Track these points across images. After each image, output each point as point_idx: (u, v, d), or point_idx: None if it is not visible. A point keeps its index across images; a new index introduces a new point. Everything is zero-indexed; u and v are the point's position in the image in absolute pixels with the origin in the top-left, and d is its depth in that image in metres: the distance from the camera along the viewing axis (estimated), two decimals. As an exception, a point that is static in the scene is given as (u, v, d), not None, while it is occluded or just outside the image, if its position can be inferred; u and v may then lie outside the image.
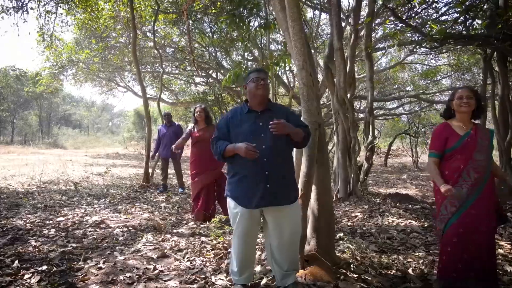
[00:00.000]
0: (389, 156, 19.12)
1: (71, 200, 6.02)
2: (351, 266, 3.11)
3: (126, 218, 4.95)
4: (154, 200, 6.43)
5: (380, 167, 16.65)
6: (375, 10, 7.32)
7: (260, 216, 2.62)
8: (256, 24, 6.10)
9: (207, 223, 4.78)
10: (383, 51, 15.45)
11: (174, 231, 4.40)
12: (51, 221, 4.61)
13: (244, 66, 5.24)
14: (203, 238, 4.06)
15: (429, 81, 19.73)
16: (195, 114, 5.07)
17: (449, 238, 2.62)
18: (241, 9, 5.22)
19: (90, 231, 4.24)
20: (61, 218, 4.76)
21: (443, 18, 7.50)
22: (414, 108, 21.82)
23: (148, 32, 14.56)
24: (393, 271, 3.16)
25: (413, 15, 6.49)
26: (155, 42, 9.04)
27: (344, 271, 3.03)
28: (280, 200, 2.52)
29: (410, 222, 5.03)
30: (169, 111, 7.93)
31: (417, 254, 3.68)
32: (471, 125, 2.73)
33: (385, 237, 4.25)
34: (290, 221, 2.57)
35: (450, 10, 6.50)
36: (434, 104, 21.29)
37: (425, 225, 4.90)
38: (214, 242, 3.84)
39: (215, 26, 13.89)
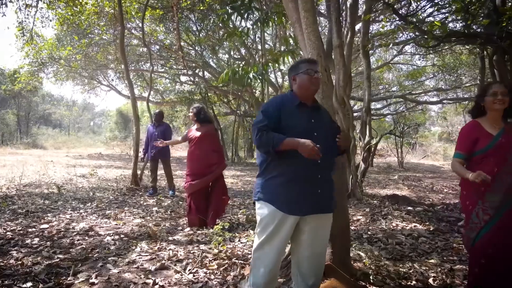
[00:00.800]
0: (374, 156, 19.12)
1: (55, 205, 5.62)
2: (370, 277, 2.88)
3: (116, 224, 4.61)
4: (145, 203, 6.08)
5: (368, 167, 16.57)
6: (372, 7, 7.17)
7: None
8: (251, 23, 5.85)
9: (204, 229, 4.50)
10: (372, 50, 15.37)
11: (170, 238, 4.08)
12: (34, 229, 4.23)
13: (240, 64, 4.97)
14: (202, 246, 3.76)
15: (413, 82, 19.88)
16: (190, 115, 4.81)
17: (482, 249, 2.40)
18: (239, 2, 4.94)
19: (78, 240, 3.88)
20: (45, 225, 4.38)
21: (440, 16, 7.39)
22: (399, 108, 21.97)
23: (133, 29, 14.13)
24: (413, 282, 2.94)
25: (412, 12, 6.33)
26: (144, 38, 8.66)
27: (363, 283, 2.80)
28: (327, 207, 2.27)
29: (415, 226, 4.86)
30: (161, 110, 7.52)
31: (431, 261, 3.49)
32: (502, 124, 2.52)
33: (394, 242, 4.04)
34: (326, 230, 2.32)
35: (449, 8, 6.34)
36: (420, 105, 21.54)
37: (431, 229, 4.74)
38: (216, 251, 3.56)
39: (202, 24, 13.58)
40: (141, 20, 12.39)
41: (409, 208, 5.92)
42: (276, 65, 5.13)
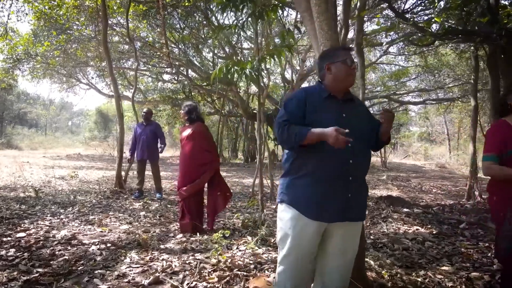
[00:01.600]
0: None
1: (32, 210, 5.19)
2: (387, 289, 2.65)
3: (101, 231, 4.24)
4: (131, 207, 5.71)
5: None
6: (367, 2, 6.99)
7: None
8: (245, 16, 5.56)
9: (197, 235, 4.19)
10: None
11: (162, 246, 3.76)
12: (9, 238, 3.82)
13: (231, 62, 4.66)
14: (198, 256, 3.45)
15: (396, 82, 20.01)
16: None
17: None
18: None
19: (60, 250, 3.51)
20: (22, 234, 3.98)
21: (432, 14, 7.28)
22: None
23: (115, 26, 13.60)
24: (433, 293, 2.73)
25: (408, 9, 6.18)
26: (128, 32, 8.24)
27: (381, 296, 2.56)
28: (357, 215, 2.00)
29: (417, 229, 4.68)
30: (150, 108, 7.14)
31: (443, 268, 3.29)
32: None
33: (400, 248, 3.84)
34: (356, 240, 2.06)
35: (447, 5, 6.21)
36: (403, 106, 21.73)
37: (434, 232, 4.57)
38: (214, 260, 3.26)
39: (186, 21, 13.20)
40: (123, 15, 11.98)
41: (406, 210, 5.76)
42: (272, 61, 4.84)
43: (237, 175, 12.25)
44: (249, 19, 4.66)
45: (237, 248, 3.70)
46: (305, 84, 20.54)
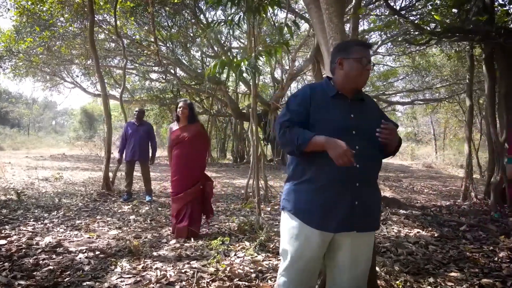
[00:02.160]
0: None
1: (14, 214, 4.89)
2: (401, 300, 2.48)
3: (89, 238, 3.98)
4: (119, 211, 5.44)
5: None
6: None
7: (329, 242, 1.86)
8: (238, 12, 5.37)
9: (192, 240, 3.97)
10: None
11: (155, 254, 3.52)
12: (-12, 246, 3.55)
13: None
14: (194, 264, 3.24)
15: (385, 82, 20.08)
16: (178, 110, 4.23)
17: None
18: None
19: (44, 259, 3.25)
20: (2, 241, 3.69)
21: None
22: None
23: (101, 23, 13.21)
24: (447, 303, 2.57)
25: (405, 6, 6.07)
26: (116, 28, 7.95)
27: (395, 308, 2.39)
28: (368, 224, 1.82)
29: (418, 232, 4.55)
30: (142, 108, 6.88)
31: (452, 274, 3.15)
32: None
33: (404, 252, 3.69)
34: (368, 250, 1.88)
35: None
36: (391, 105, 21.82)
37: (435, 235, 4.44)
38: (212, 269, 3.05)
39: (174, 19, 12.93)
40: (109, 12, 11.64)
41: (403, 211, 5.64)
42: (269, 58, 4.65)
43: (226, 175, 12.03)
44: (242, 15, 4.45)
45: (235, 254, 3.50)
46: (293, 84, 20.46)
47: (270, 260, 3.34)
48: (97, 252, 3.47)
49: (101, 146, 17.75)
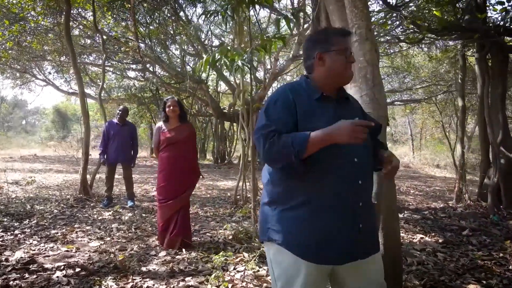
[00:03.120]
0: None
1: (-20, 224, 4.38)
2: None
3: (67, 251, 3.54)
4: (100, 218, 4.99)
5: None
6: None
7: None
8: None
9: (184, 251, 3.60)
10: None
11: (144, 269, 3.14)
12: None
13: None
14: (189, 280, 2.88)
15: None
16: (167, 109, 3.83)
17: None
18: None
19: (15, 279, 2.81)
20: (-34, 257, 3.23)
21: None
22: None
23: (77, 18, 12.53)
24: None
25: (401, 3, 5.88)
26: (95, 21, 7.42)
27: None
28: (372, 247, 1.56)
29: (422, 238, 4.33)
30: (126, 106, 6.39)
31: (470, 286, 2.92)
32: None
33: (414, 262, 3.44)
34: (378, 274, 1.58)
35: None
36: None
37: (440, 241, 4.24)
38: (210, 286, 2.70)
39: (153, 15, 12.44)
40: (84, 7, 11.05)
41: (401, 216, 5.44)
42: (264, 54, 4.34)
43: (209, 177, 11.62)
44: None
45: (234, 268, 3.16)
46: (275, 84, 20.22)
47: (274, 274, 3.02)
48: (78, 269, 3.04)
49: (76, 147, 16.99)
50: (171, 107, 3.80)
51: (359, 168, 1.49)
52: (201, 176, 3.98)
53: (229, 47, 4.11)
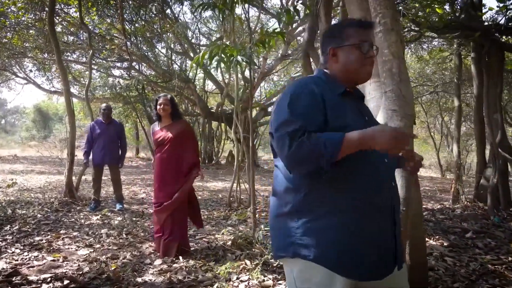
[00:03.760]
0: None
1: (-44, 231, 4.05)
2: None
3: (53, 261, 3.26)
4: (87, 223, 4.69)
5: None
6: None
7: None
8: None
9: (181, 259, 3.36)
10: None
11: (139, 280, 2.89)
12: None
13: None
14: (191, 292, 2.66)
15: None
16: (158, 107, 3.60)
17: None
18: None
19: (-4, 294, 2.54)
20: None
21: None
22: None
23: (59, 13, 12.08)
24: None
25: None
26: (81, 14, 7.08)
27: None
28: (403, 258, 1.43)
29: (426, 241, 4.19)
30: (109, 104, 6.09)
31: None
32: None
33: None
34: (404, 282, 1.42)
35: None
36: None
37: (445, 244, 4.11)
38: (215, 300, 2.49)
39: (138, 12, 12.12)
40: (67, 2, 10.65)
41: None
42: (262, 49, 4.15)
43: (197, 178, 11.33)
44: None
45: (237, 278, 2.94)
46: (263, 84, 20.03)
47: (280, 284, 2.82)
48: (66, 282, 2.78)
49: (60, 147, 16.49)
50: (162, 105, 3.56)
51: (390, 169, 1.36)
52: (199, 177, 3.73)
53: (228, 42, 3.89)
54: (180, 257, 3.39)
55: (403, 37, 2.02)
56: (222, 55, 3.81)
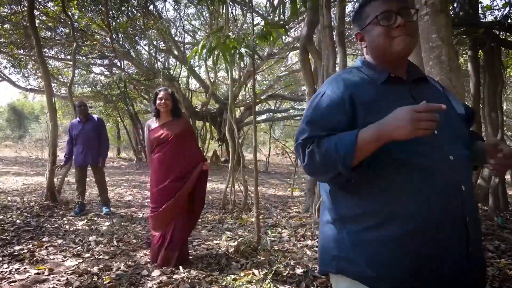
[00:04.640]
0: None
1: None
2: None
3: (37, 274, 2.91)
4: (72, 229, 4.32)
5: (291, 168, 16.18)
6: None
7: None
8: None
9: (181, 269, 3.06)
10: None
11: (138, 295, 2.59)
12: None
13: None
14: (198, 309, 2.37)
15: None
16: (158, 102, 3.28)
17: None
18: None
19: (-27, 317, 2.19)
20: None
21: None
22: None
23: (38, 8, 11.48)
24: None
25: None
26: (64, 4, 6.62)
27: None
28: (481, 277, 1.13)
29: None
30: (83, 100, 5.68)
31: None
32: None
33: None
34: None
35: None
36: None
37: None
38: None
39: (120, 9, 11.67)
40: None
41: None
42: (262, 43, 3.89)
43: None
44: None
45: (245, 289, 2.67)
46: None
47: (294, 296, 2.57)
48: (55, 299, 2.45)
49: (37, 147, 15.81)
50: (163, 100, 3.24)
51: (458, 168, 1.08)
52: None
53: (230, 33, 3.62)
54: (180, 267, 3.09)
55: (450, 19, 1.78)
56: (222, 48, 3.55)
